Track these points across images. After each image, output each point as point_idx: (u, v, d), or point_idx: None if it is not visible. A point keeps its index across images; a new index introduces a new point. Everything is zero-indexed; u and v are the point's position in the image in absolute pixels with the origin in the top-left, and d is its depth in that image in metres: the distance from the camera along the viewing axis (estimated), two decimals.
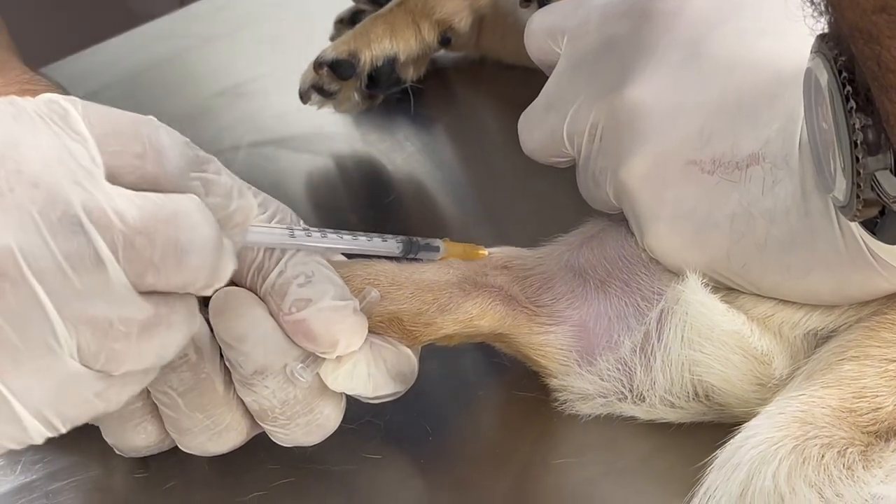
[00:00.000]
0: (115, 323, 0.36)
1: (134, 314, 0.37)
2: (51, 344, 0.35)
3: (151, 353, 0.38)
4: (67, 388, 0.37)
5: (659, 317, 0.49)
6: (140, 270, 0.36)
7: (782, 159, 0.45)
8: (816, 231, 0.44)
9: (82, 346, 0.36)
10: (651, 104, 0.48)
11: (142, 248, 0.36)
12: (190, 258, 0.37)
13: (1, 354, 0.35)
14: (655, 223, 0.48)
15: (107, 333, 0.36)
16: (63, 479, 0.49)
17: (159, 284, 0.37)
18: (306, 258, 0.45)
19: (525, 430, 0.52)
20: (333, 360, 0.46)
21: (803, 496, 0.40)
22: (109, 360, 0.37)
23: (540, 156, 0.54)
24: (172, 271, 0.37)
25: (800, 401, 0.43)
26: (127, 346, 0.37)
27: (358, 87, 0.72)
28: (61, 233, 0.35)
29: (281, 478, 0.49)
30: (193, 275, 0.38)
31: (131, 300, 0.37)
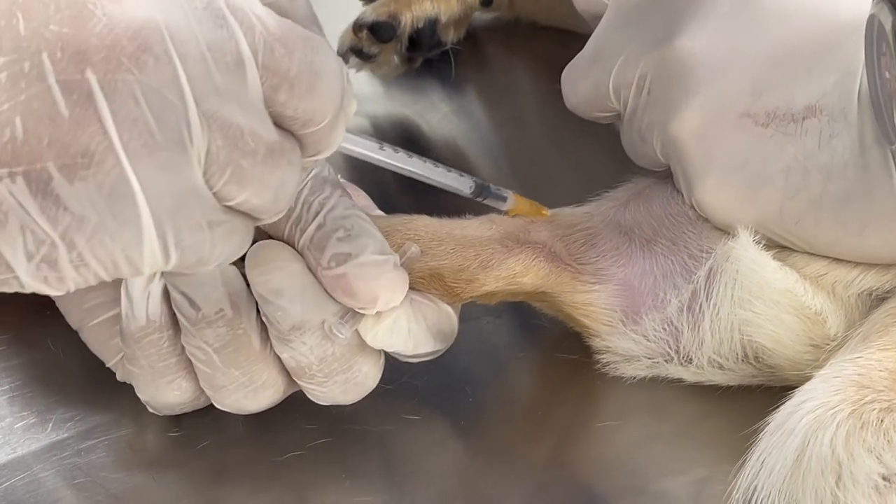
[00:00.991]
0: (245, 133, 0.35)
1: (263, 132, 0.36)
2: (184, 137, 0.34)
3: (270, 186, 0.36)
4: (188, 200, 0.35)
5: (707, 275, 0.48)
6: (276, 82, 0.35)
7: (840, 112, 0.44)
8: (874, 185, 0.43)
9: (212, 150, 0.34)
10: (703, 55, 0.47)
11: (280, 57, 0.35)
12: (322, 83, 0.36)
13: (135, 137, 0.33)
14: (706, 178, 0.47)
15: (237, 144, 0.35)
16: (95, 438, 0.49)
17: (289, 106, 0.36)
18: (346, 211, 0.44)
19: (566, 393, 0.51)
20: (373, 317, 0.45)
21: (862, 462, 0.39)
22: (233, 179, 0.35)
23: (584, 110, 0.53)
24: (305, 92, 0.36)
25: (857, 364, 0.42)
26: (252, 164, 0.35)
27: (398, 50, 0.71)
28: (205, 21, 0.34)
29: (317, 438, 0.48)
30: (322, 104, 0.37)
31: (263, 114, 0.36)
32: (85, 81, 0.32)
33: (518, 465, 0.47)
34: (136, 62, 0.33)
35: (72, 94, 0.32)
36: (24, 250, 0.33)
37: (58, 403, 0.50)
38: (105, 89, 0.32)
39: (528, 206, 0.51)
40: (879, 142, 0.43)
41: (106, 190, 0.33)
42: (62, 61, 0.32)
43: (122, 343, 0.46)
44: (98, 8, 0.32)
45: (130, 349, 0.46)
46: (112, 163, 0.33)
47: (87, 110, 0.32)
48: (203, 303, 0.44)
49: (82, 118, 0.32)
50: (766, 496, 0.41)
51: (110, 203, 0.33)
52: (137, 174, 0.33)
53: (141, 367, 0.46)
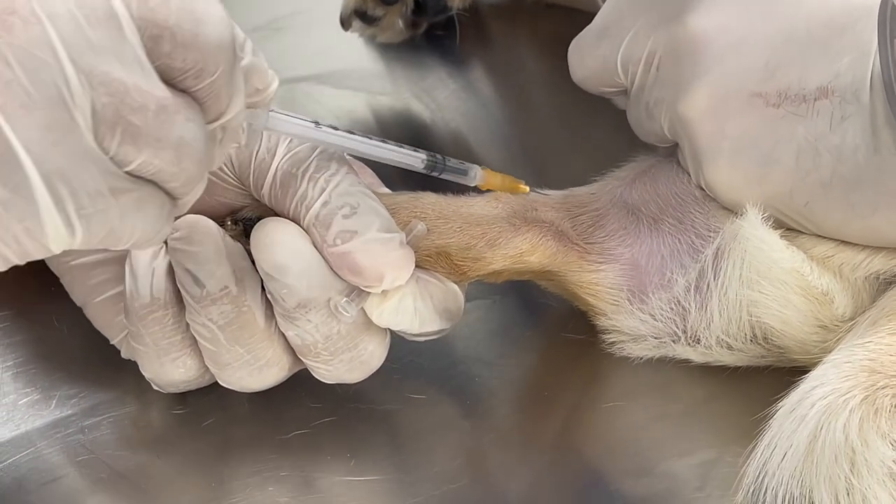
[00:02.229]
0: (130, 89, 0.34)
1: (150, 87, 0.35)
2: (63, 93, 0.33)
3: (170, 145, 0.35)
4: (81, 163, 0.34)
5: (715, 254, 0.48)
6: (156, 32, 0.35)
7: (852, 94, 0.44)
8: (885, 168, 0.43)
9: (97, 109, 0.34)
10: (714, 33, 0.47)
11: (156, 6, 0.34)
12: (206, 27, 0.35)
13: (10, 98, 0.33)
14: (715, 158, 0.47)
15: (123, 99, 0.34)
16: (99, 415, 0.49)
17: (175, 56, 0.35)
18: (352, 188, 0.44)
19: (573, 373, 0.51)
20: (379, 295, 0.45)
21: (876, 448, 0.39)
22: (126, 137, 0.34)
23: (590, 85, 0.53)
24: (189, 39, 0.35)
25: (867, 348, 0.43)
26: (144, 121, 0.34)
27: (403, 14, 0.70)
28: None
29: (322, 416, 0.48)
30: (210, 50, 0.35)
31: (146, 69, 0.35)
32: None
33: (524, 445, 0.48)
34: (3, 25, 0.32)
35: None
36: None
37: (62, 380, 0.50)
38: None
39: (500, 180, 0.49)
40: (891, 124, 0.43)
41: None
42: None
43: (126, 320, 0.47)
44: None
45: (135, 326, 0.46)
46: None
47: None
48: (208, 280, 0.44)
49: None
50: (779, 482, 0.41)
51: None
52: (19, 135, 0.33)
53: (145, 345, 0.46)
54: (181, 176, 0.36)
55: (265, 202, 0.46)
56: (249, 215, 0.47)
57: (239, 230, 0.46)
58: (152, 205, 0.37)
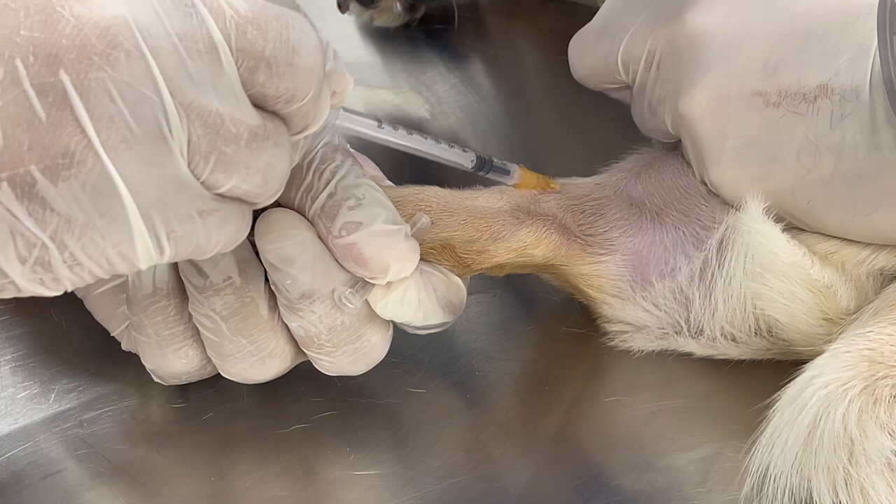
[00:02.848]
0: (225, 120, 0.35)
1: (244, 116, 0.36)
2: (164, 129, 0.34)
3: (258, 170, 0.37)
4: (174, 192, 0.35)
5: (720, 244, 0.48)
6: (252, 64, 0.36)
7: (852, 91, 0.44)
8: (885, 166, 0.44)
9: (193, 140, 0.35)
10: (714, 32, 0.47)
11: (254, 38, 0.35)
12: (301, 60, 0.37)
13: (113, 133, 0.33)
14: (718, 158, 0.48)
15: (218, 131, 0.35)
16: (98, 408, 0.49)
17: (269, 86, 0.36)
18: (357, 180, 0.45)
19: (574, 367, 0.51)
20: (383, 287, 0.45)
21: (875, 439, 0.40)
22: (218, 166, 0.36)
23: (591, 82, 0.54)
24: (283, 70, 0.36)
25: (867, 338, 0.43)
26: (237, 150, 0.36)
27: None
28: (174, 12, 0.34)
29: (323, 410, 0.48)
30: (303, 82, 0.37)
31: (242, 99, 0.36)
32: (59, 83, 0.33)
33: (525, 439, 0.48)
34: (108, 59, 0.33)
35: (47, 97, 0.33)
36: (16, 255, 0.34)
37: (61, 374, 0.50)
38: (79, 89, 0.33)
39: (535, 180, 0.51)
40: (891, 122, 0.43)
41: (90, 188, 0.34)
42: (35, 65, 0.33)
43: (128, 311, 0.47)
44: (66, 9, 0.33)
45: (137, 317, 0.46)
46: (93, 161, 0.33)
47: (63, 111, 0.33)
48: (211, 270, 0.44)
49: (59, 119, 0.33)
50: (779, 472, 0.42)
51: (95, 201, 0.34)
52: (119, 170, 0.34)
53: (147, 336, 0.46)
54: (266, 194, 0.38)
55: None
56: None
57: None
58: (236, 219, 0.38)
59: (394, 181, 0.51)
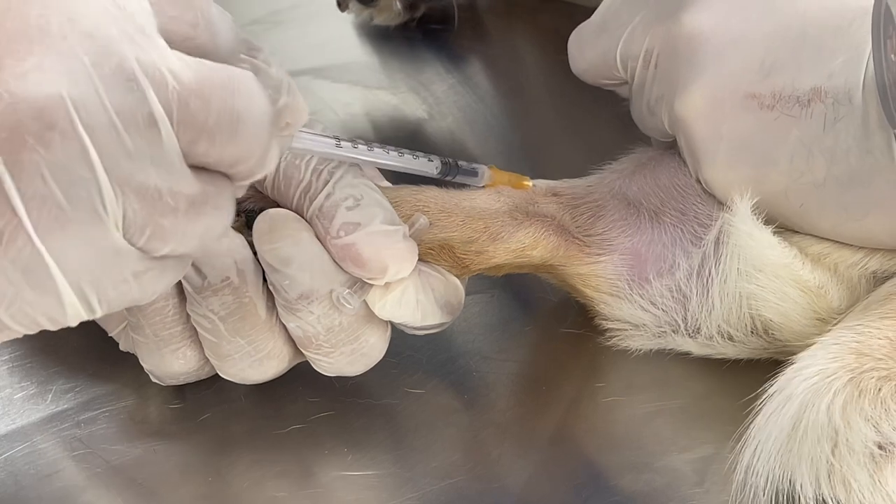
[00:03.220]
0: (164, 194, 0.35)
1: (183, 187, 0.35)
2: (97, 208, 0.34)
3: (196, 235, 0.36)
4: (108, 262, 0.35)
5: (716, 241, 0.48)
6: (193, 137, 0.35)
7: (845, 95, 0.44)
8: (877, 170, 0.44)
9: (129, 216, 0.34)
10: (710, 32, 0.48)
11: (196, 110, 0.35)
12: (245, 128, 0.36)
13: (45, 214, 0.33)
14: (713, 159, 0.48)
15: (155, 205, 0.35)
16: (95, 409, 0.49)
17: (211, 155, 0.36)
18: (355, 180, 0.45)
19: (572, 367, 0.51)
20: (381, 287, 0.45)
21: (859, 430, 0.40)
22: (154, 237, 0.35)
23: (589, 77, 0.54)
24: (226, 140, 0.35)
25: (856, 331, 0.43)
26: (174, 222, 0.35)
27: None
28: (115, 87, 0.33)
29: (321, 411, 0.49)
30: (247, 148, 0.36)
31: (181, 171, 0.35)
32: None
33: (523, 439, 0.48)
34: (41, 140, 0.32)
35: None
36: None
37: (58, 374, 0.51)
38: (11, 170, 0.32)
39: (507, 179, 0.51)
40: (884, 126, 0.43)
41: (20, 266, 0.33)
42: None
43: (126, 311, 0.47)
44: (1, 86, 0.32)
45: (135, 317, 0.46)
46: (23, 241, 0.33)
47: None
48: (209, 271, 0.44)
49: None
50: (765, 462, 0.42)
51: (26, 276, 0.33)
52: (50, 248, 0.33)
53: (145, 336, 0.46)
54: (203, 251, 0.38)
55: (268, 193, 0.46)
56: (252, 206, 0.47)
57: (241, 221, 0.47)
58: (175, 269, 0.37)
59: (391, 181, 0.51)
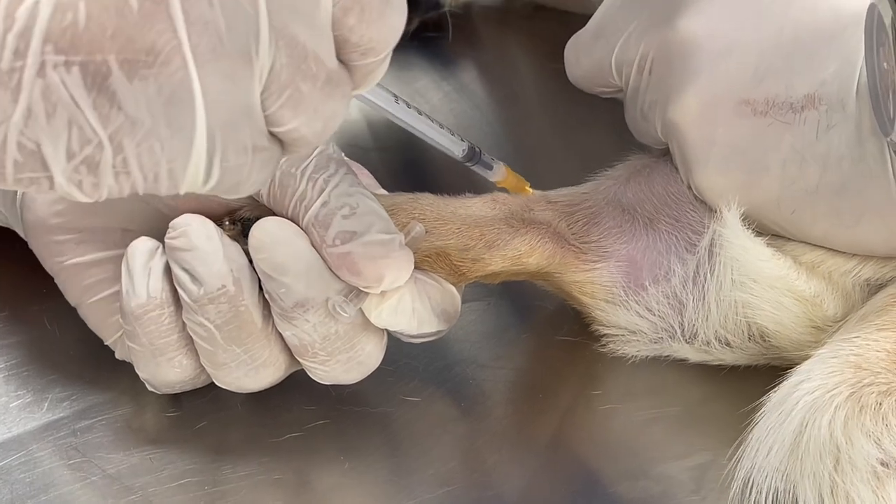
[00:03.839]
0: (309, 56, 0.34)
1: (326, 58, 0.35)
2: (251, 47, 0.33)
3: (322, 116, 0.35)
4: (243, 117, 0.34)
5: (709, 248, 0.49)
6: (349, 4, 0.34)
7: (838, 102, 0.44)
8: (870, 177, 0.44)
9: (276, 68, 0.34)
10: (704, 38, 0.48)
11: None
12: (391, 10, 0.35)
13: (204, 40, 0.32)
14: (704, 164, 0.48)
15: (300, 65, 0.34)
16: (92, 417, 0.49)
17: (356, 31, 0.35)
18: (351, 189, 0.45)
19: (568, 375, 0.52)
20: (377, 295, 0.45)
21: (861, 447, 0.40)
22: (289, 103, 0.34)
23: (586, 85, 0.54)
24: (375, 17, 0.35)
25: (854, 344, 0.43)
26: (311, 90, 0.34)
27: None
28: None
29: (317, 419, 0.49)
30: (388, 32, 0.36)
31: (328, 38, 0.35)
32: None
33: (519, 447, 0.48)
34: None
35: None
36: (65, 148, 0.32)
37: (54, 382, 0.51)
38: None
39: (514, 181, 0.52)
40: (876, 133, 0.43)
41: (166, 93, 0.32)
42: None
43: (122, 320, 0.47)
44: None
45: (131, 326, 0.46)
46: (178, 64, 0.32)
47: (158, 5, 0.31)
48: (205, 279, 0.45)
49: (152, 13, 0.31)
50: (764, 477, 0.42)
51: (168, 108, 0.32)
52: (201, 80, 0.32)
53: (141, 345, 0.47)
54: (314, 144, 0.37)
55: (264, 202, 0.46)
56: (247, 215, 0.47)
57: (237, 230, 0.47)
58: (273, 163, 0.37)
59: (388, 189, 0.52)
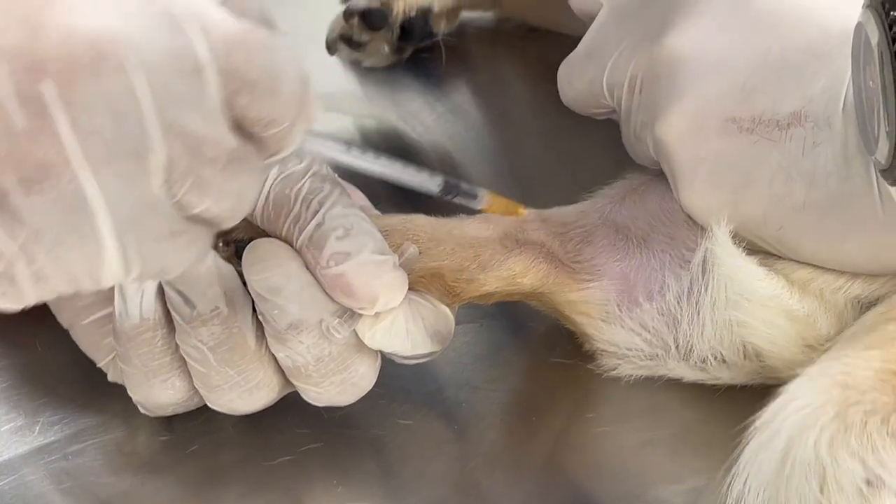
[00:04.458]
0: (205, 142, 0.35)
1: (223, 140, 0.36)
2: (143, 145, 0.34)
3: (231, 193, 0.37)
4: (148, 211, 0.35)
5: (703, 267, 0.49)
6: (237, 87, 0.36)
7: (825, 120, 0.45)
8: (856, 195, 0.44)
9: (173, 158, 0.35)
10: (691, 56, 0.48)
11: (239, 61, 0.36)
12: (283, 84, 0.37)
13: (93, 147, 0.33)
14: (691, 181, 0.48)
15: (196, 153, 0.35)
16: (83, 441, 0.49)
17: (251, 109, 0.36)
18: (345, 210, 0.45)
19: (561, 397, 0.52)
20: (371, 317, 0.46)
21: (846, 466, 0.40)
22: (194, 188, 0.35)
23: (579, 107, 0.54)
24: (266, 94, 0.36)
25: (842, 363, 0.43)
26: (213, 174, 0.36)
27: (389, 39, 0.72)
28: (163, 28, 0.34)
29: (310, 442, 0.49)
30: (284, 107, 0.37)
31: (223, 122, 0.36)
32: (41, 93, 0.33)
33: (513, 470, 0.48)
34: (93, 72, 0.33)
35: (28, 106, 0.32)
36: None
37: (45, 406, 0.51)
38: (62, 100, 0.33)
39: (504, 205, 0.52)
40: (862, 151, 0.43)
41: (64, 203, 0.33)
42: (17, 73, 0.32)
43: (115, 342, 0.47)
44: (53, 19, 0.33)
45: (124, 348, 0.47)
46: (69, 175, 0.33)
47: (43, 122, 0.33)
48: (198, 300, 0.45)
49: (39, 130, 0.33)
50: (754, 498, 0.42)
51: (69, 216, 0.34)
52: (95, 185, 0.34)
53: (134, 367, 0.47)
54: (234, 218, 0.38)
55: (257, 223, 0.47)
56: (241, 236, 0.47)
57: (230, 251, 0.47)
58: (202, 241, 0.38)
59: (382, 210, 0.52)
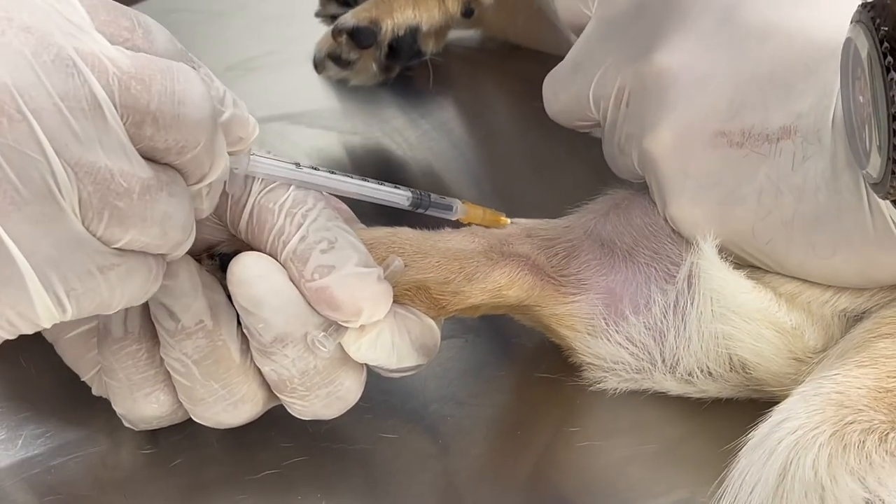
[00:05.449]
0: (115, 175, 0.37)
1: (134, 170, 0.37)
2: (51, 188, 0.36)
3: (155, 221, 0.38)
4: (70, 250, 0.36)
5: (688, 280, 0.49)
6: (138, 119, 0.37)
7: (814, 134, 0.45)
8: (845, 209, 0.45)
9: (84, 197, 0.36)
10: (680, 71, 0.49)
11: (138, 93, 0.37)
12: (188, 111, 0.38)
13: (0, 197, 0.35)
14: (679, 195, 0.49)
15: (108, 186, 0.37)
16: (66, 455, 0.49)
17: (158, 139, 0.38)
18: (329, 223, 0.46)
19: (547, 413, 0.52)
20: (356, 330, 0.46)
21: (846, 486, 0.40)
22: (113, 221, 0.37)
23: (564, 119, 0.55)
24: (170, 123, 0.38)
25: (835, 381, 0.43)
26: (129, 204, 0.37)
27: (377, 58, 0.72)
28: (55, 73, 0.36)
29: (294, 456, 0.49)
30: (191, 133, 0.38)
31: (130, 153, 0.37)
32: None
33: (498, 485, 0.48)
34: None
35: None
36: None
37: (28, 419, 0.51)
38: None
39: (481, 213, 0.51)
40: (852, 165, 0.44)
41: None
42: None
43: (99, 355, 0.47)
44: None
45: (108, 361, 0.47)
46: None
47: None
48: (183, 314, 0.45)
49: None
50: None
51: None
52: (9, 232, 0.35)
53: (118, 380, 0.47)
54: (167, 245, 0.40)
55: (242, 237, 0.47)
56: (226, 250, 0.48)
57: (215, 265, 0.47)
58: (141, 271, 0.39)
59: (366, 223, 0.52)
